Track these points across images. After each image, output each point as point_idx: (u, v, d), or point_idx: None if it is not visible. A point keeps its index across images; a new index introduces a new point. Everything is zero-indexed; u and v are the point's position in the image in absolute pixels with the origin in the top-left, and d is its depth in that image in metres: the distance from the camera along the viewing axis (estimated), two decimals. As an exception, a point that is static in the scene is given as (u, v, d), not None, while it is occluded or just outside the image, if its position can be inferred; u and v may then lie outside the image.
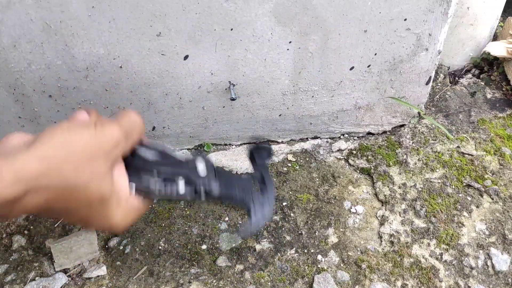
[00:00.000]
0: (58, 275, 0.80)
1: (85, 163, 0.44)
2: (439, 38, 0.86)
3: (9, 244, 0.85)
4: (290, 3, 0.75)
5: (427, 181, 0.92)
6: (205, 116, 0.93)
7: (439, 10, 0.81)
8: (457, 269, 0.78)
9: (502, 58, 1.12)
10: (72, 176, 0.43)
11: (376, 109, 0.98)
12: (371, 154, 0.98)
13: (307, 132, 1.02)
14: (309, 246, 0.82)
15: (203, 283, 0.77)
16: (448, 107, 1.08)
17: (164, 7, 0.72)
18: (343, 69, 0.88)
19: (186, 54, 0.80)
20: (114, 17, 0.72)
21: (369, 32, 0.82)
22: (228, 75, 0.85)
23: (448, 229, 0.83)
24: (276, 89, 0.90)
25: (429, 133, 1.01)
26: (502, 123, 1.03)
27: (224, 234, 0.85)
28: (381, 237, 0.84)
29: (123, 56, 0.78)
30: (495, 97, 1.10)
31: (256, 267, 0.79)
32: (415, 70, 0.91)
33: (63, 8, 0.70)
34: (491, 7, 1.07)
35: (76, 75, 0.80)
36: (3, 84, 0.79)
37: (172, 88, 0.86)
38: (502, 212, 0.85)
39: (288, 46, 0.82)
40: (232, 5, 0.74)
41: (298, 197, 0.91)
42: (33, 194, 0.40)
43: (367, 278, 0.77)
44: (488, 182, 0.90)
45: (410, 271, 0.78)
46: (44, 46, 0.74)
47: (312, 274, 0.78)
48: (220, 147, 1.02)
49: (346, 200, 0.90)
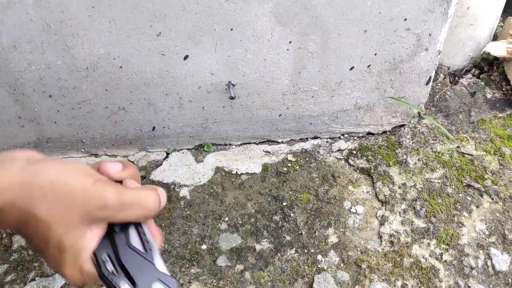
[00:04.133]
0: (58, 275, 0.80)
1: (64, 207, 0.43)
2: (439, 38, 0.86)
3: (9, 244, 0.85)
4: (290, 3, 0.75)
5: (427, 181, 0.92)
6: (205, 116, 0.93)
7: (439, 10, 0.81)
8: (457, 269, 0.78)
9: (502, 58, 1.12)
10: (45, 213, 0.42)
11: (376, 109, 0.98)
12: (371, 154, 0.98)
13: (307, 132, 1.02)
14: (309, 246, 0.82)
15: (203, 283, 0.77)
16: (448, 107, 1.08)
17: (164, 7, 0.72)
18: (343, 69, 0.88)
19: (186, 54, 0.80)
20: (114, 17, 0.72)
21: (369, 32, 0.82)
22: (228, 75, 0.85)
23: (448, 229, 0.83)
24: (276, 89, 0.90)
25: (429, 133, 1.01)
26: (502, 123, 1.03)
27: (224, 234, 0.85)
28: (381, 237, 0.84)
29: (123, 56, 0.78)
30: (495, 97, 1.10)
31: (256, 267, 0.79)
32: (415, 70, 0.91)
33: (63, 8, 0.70)
34: (491, 7, 1.07)
35: (76, 75, 0.80)
36: (3, 84, 0.79)
37: (172, 88, 0.86)
38: (502, 212, 0.85)
39: (288, 46, 0.82)
40: (232, 5, 0.74)
41: (298, 197, 0.91)
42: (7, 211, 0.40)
43: (367, 278, 0.77)
44: (488, 182, 0.90)
45: (410, 271, 0.78)
46: (44, 46, 0.74)
47: (312, 274, 0.78)
48: (220, 147, 1.02)
49: (346, 200, 0.90)
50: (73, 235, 0.44)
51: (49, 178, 0.42)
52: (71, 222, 0.43)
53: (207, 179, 0.95)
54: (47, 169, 0.42)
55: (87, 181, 0.44)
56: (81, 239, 0.47)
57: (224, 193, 0.92)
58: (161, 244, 0.49)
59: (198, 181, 0.94)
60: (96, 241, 0.49)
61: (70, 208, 0.43)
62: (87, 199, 0.43)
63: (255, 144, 1.03)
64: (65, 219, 0.43)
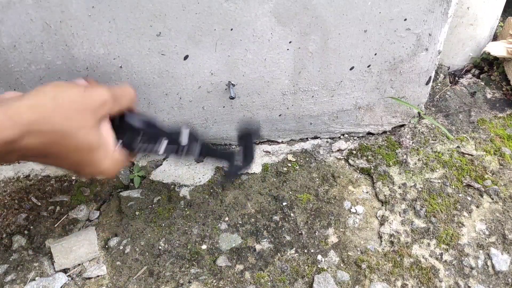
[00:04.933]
0: (58, 275, 0.80)
1: (73, 114, 0.50)
2: (439, 38, 0.86)
3: (9, 244, 0.85)
4: (290, 3, 0.75)
5: (427, 181, 0.92)
6: (205, 116, 0.93)
7: (439, 10, 0.81)
8: (457, 269, 0.78)
9: (502, 58, 1.12)
10: (62, 124, 0.49)
11: (376, 109, 0.98)
12: (371, 154, 0.98)
13: (307, 132, 1.02)
14: (309, 246, 0.82)
15: (203, 283, 0.77)
16: (448, 107, 1.08)
17: (164, 7, 0.72)
18: (343, 69, 0.88)
19: (186, 54, 0.80)
20: (114, 17, 0.72)
21: (369, 32, 0.82)
22: (228, 75, 0.85)
23: (448, 229, 0.83)
24: (276, 89, 0.90)
25: (429, 133, 1.01)
26: (502, 123, 1.03)
27: (224, 234, 0.85)
28: (381, 237, 0.84)
29: (123, 56, 0.78)
30: (495, 97, 1.10)
31: (256, 267, 0.79)
32: (415, 70, 0.91)
33: (63, 8, 0.70)
34: (491, 7, 1.07)
35: (76, 75, 0.80)
36: (3, 84, 0.79)
37: (172, 88, 0.86)
38: (502, 212, 0.85)
39: (288, 46, 0.82)
40: (232, 5, 0.74)
41: (298, 197, 0.91)
42: (29, 137, 0.46)
43: (367, 278, 0.77)
44: (488, 182, 0.90)
45: (410, 271, 0.78)
46: (44, 46, 0.74)
47: (312, 274, 0.78)
48: (220, 147, 1.02)
49: (346, 200, 0.90)
50: (95, 134, 0.53)
51: (50, 96, 0.49)
52: (86, 125, 0.51)
53: (207, 179, 0.95)
54: (42, 91, 0.49)
55: (78, 89, 0.52)
56: (103, 136, 0.56)
57: (224, 193, 0.92)
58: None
59: (198, 181, 0.94)
60: (111, 132, 0.58)
61: (79, 114, 0.51)
62: (89, 101, 0.52)
63: (255, 144, 1.03)
64: (81, 124, 0.51)
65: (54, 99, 0.49)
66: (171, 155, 0.64)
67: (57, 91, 0.50)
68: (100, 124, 0.55)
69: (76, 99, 0.51)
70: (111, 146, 0.57)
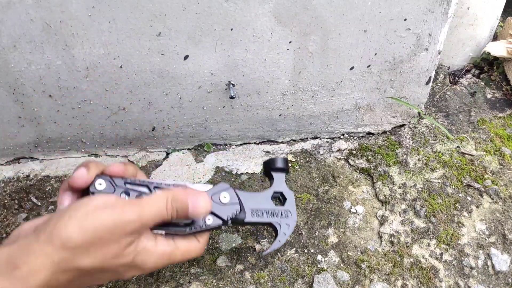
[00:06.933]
0: (58, 275, 0.80)
1: (101, 252, 0.48)
2: (439, 38, 0.86)
3: (9, 244, 0.85)
4: (290, 3, 0.75)
5: (427, 181, 0.92)
6: (205, 116, 0.93)
7: (439, 10, 0.81)
8: (457, 269, 0.78)
9: (502, 58, 1.12)
10: (94, 259, 0.48)
11: (376, 109, 0.98)
12: (371, 154, 0.98)
13: (307, 132, 1.02)
14: (309, 246, 0.82)
15: (203, 283, 0.77)
16: (448, 107, 1.08)
17: (164, 7, 0.72)
18: (343, 69, 0.88)
19: (186, 54, 0.80)
20: (114, 17, 0.72)
21: (369, 32, 0.82)
22: (228, 75, 0.85)
23: (448, 229, 0.83)
24: (276, 89, 0.90)
25: (429, 133, 1.01)
26: (502, 123, 1.03)
27: (224, 234, 0.85)
28: (381, 237, 0.84)
29: (123, 56, 0.78)
30: (495, 97, 1.10)
31: (256, 267, 0.79)
32: (415, 70, 0.91)
33: (63, 8, 0.70)
34: (491, 7, 1.07)
35: (76, 75, 0.80)
36: (3, 84, 0.79)
37: (172, 88, 0.86)
38: (502, 212, 0.85)
39: (288, 46, 0.82)
40: (232, 5, 0.74)
41: (298, 197, 0.91)
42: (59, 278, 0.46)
43: (367, 278, 0.77)
44: (488, 182, 0.90)
45: (410, 271, 0.78)
46: (44, 46, 0.75)
47: (312, 274, 0.78)
48: (220, 147, 1.02)
49: (346, 200, 0.90)
50: (127, 255, 0.51)
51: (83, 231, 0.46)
52: (117, 254, 0.50)
53: (207, 179, 0.95)
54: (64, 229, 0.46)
55: (112, 212, 0.49)
56: (137, 251, 0.53)
57: (224, 193, 0.92)
58: None
59: (198, 181, 0.94)
60: (146, 240, 0.55)
61: (109, 249, 0.49)
62: (116, 235, 0.49)
63: (255, 144, 1.03)
64: (112, 254, 0.49)
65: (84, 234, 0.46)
66: (217, 225, 0.64)
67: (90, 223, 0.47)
68: (133, 241, 0.52)
69: (106, 237, 0.48)
70: (150, 249, 0.54)
